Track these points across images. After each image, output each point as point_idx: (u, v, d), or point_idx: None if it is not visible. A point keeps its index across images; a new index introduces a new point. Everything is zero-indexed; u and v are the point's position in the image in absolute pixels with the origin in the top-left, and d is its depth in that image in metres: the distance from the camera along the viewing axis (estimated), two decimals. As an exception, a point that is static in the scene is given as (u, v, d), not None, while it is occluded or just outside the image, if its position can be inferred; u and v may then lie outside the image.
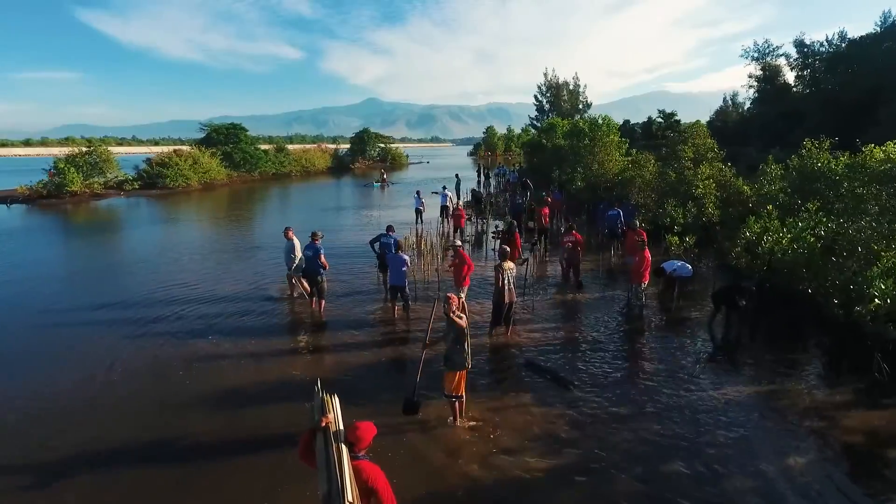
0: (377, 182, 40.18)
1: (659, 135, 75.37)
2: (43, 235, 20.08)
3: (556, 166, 29.31)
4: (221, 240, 18.43)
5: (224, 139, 45.79)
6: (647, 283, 9.69)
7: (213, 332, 9.22)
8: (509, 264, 8.55)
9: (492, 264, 14.21)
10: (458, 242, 9.73)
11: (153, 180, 36.18)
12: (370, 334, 9.09)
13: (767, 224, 10.66)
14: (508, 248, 8.91)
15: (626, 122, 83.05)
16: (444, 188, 21.74)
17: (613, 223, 14.75)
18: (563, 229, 14.10)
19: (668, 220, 14.31)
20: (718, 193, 15.36)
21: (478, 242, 17.42)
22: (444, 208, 20.38)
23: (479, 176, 44.91)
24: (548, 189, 30.59)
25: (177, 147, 46.46)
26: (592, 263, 13.69)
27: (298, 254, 10.72)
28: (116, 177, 34.05)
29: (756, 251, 10.31)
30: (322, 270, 10.04)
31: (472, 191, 25.98)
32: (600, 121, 26.29)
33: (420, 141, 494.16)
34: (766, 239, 10.15)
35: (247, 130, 47.77)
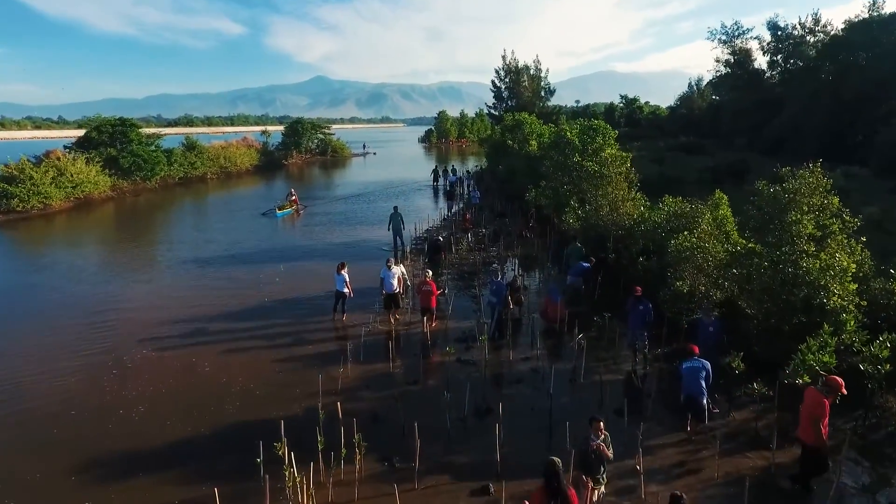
0: (283, 209, 27.38)
1: (622, 122, 69.55)
2: None
3: (532, 185, 21.91)
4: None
5: (109, 139, 36.02)
6: None
7: None
8: None
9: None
10: None
11: (-8, 202, 26.64)
12: None
13: None
14: None
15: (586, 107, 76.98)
16: (389, 262, 12.67)
17: (695, 381, 7.55)
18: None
19: (803, 374, 7.38)
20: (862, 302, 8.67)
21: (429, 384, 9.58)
22: (390, 298, 12.30)
23: (434, 180, 37.05)
24: (524, 220, 23.20)
25: (51, 150, 36.23)
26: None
27: None
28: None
29: None
30: None
31: (430, 241, 17.54)
32: (592, 123, 19.08)
33: (370, 121, 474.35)
34: None
35: (139, 127, 37.94)
